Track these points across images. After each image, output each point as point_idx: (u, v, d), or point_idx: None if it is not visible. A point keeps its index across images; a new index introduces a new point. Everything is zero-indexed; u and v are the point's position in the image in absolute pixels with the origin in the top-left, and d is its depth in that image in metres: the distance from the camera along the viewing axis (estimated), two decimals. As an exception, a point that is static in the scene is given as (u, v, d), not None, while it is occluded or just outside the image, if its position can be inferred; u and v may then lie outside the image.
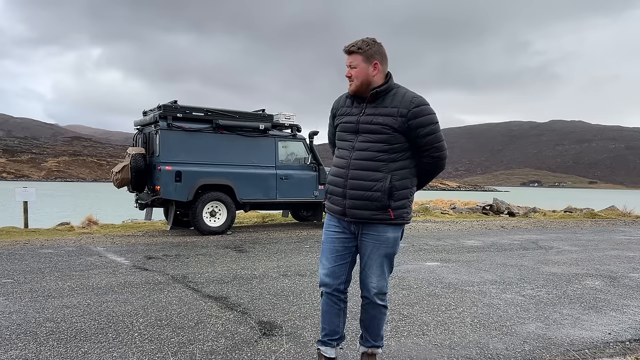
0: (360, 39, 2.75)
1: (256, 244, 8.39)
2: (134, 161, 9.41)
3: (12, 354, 3.20)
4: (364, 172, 2.69)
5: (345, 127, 2.79)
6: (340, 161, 2.79)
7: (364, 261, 2.82)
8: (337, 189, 2.78)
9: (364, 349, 2.96)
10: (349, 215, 2.74)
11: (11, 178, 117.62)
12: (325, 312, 2.89)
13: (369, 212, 2.70)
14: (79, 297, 4.61)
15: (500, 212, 16.14)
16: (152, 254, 7.24)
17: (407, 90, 2.75)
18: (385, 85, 2.73)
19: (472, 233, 10.70)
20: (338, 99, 2.94)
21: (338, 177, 2.78)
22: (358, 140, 2.73)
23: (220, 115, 9.74)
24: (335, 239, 2.84)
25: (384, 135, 2.68)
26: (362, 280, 2.85)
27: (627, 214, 16.51)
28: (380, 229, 2.75)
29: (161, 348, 3.32)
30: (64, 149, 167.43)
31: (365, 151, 2.70)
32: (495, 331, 3.80)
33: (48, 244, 8.14)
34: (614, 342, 3.63)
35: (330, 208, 2.86)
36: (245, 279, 5.53)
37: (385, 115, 2.68)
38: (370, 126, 2.70)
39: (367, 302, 2.86)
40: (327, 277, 2.84)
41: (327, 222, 2.91)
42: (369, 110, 2.73)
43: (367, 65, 2.70)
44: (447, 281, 5.55)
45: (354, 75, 2.72)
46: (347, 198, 2.72)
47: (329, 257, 2.84)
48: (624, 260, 7.33)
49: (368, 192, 2.68)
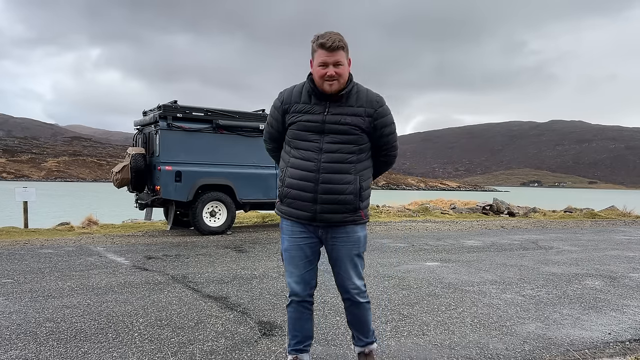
0: (332, 33, 2.57)
1: (256, 244, 8.39)
2: (134, 161, 9.42)
3: (12, 354, 3.20)
4: (337, 176, 2.58)
5: (308, 127, 2.61)
6: (306, 164, 2.59)
7: (338, 265, 2.73)
8: (305, 194, 2.60)
9: (359, 349, 2.94)
10: (319, 220, 2.62)
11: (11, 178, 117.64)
12: (297, 320, 2.80)
13: (341, 215, 2.62)
14: (79, 297, 4.61)
15: (500, 212, 16.14)
16: (152, 254, 7.24)
17: (366, 88, 2.69)
18: (351, 84, 2.64)
19: (472, 233, 10.70)
20: (289, 93, 2.70)
21: (306, 182, 2.59)
22: (325, 141, 2.58)
23: (220, 115, 9.74)
24: (304, 244, 2.70)
25: (352, 136, 2.59)
26: (340, 284, 2.77)
27: (627, 214, 16.51)
28: (349, 230, 2.68)
29: (161, 348, 3.31)
30: (64, 149, 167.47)
31: (336, 153, 2.58)
32: (495, 331, 3.80)
33: (48, 244, 8.14)
34: (614, 342, 3.63)
35: (294, 214, 2.67)
36: (245, 279, 5.53)
37: (353, 115, 2.59)
38: (338, 126, 2.58)
39: (351, 304, 2.79)
40: (298, 285, 2.72)
41: (290, 228, 2.72)
42: (334, 109, 2.60)
43: (347, 62, 2.60)
44: (447, 281, 5.55)
45: (340, 73, 2.55)
46: (318, 203, 2.58)
47: (299, 264, 2.71)
48: (624, 260, 7.33)
49: (341, 196, 2.58)
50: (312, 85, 2.63)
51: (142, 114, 10.23)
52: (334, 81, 2.55)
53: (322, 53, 2.55)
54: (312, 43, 2.60)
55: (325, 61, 2.54)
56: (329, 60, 2.54)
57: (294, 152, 2.66)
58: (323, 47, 2.54)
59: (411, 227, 11.49)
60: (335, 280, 2.81)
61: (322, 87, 2.59)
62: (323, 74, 2.55)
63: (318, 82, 2.59)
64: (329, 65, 2.54)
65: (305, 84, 2.68)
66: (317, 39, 2.57)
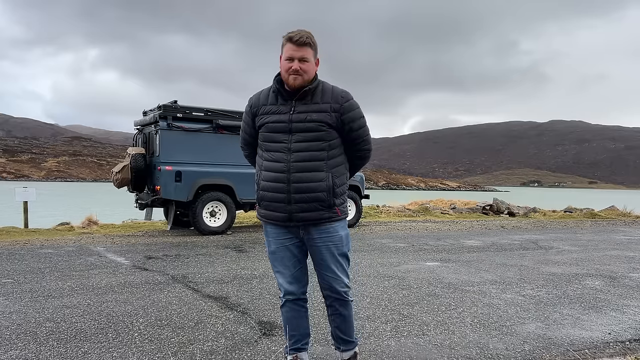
0: (303, 30, 2.59)
1: (256, 244, 8.39)
2: (134, 161, 9.42)
3: (12, 354, 3.20)
4: (308, 174, 2.58)
5: (275, 127, 2.62)
6: (277, 165, 2.61)
7: (322, 265, 2.71)
8: (278, 195, 2.61)
9: (348, 353, 2.86)
10: (295, 219, 2.62)
11: (11, 178, 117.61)
12: (292, 319, 2.79)
13: (317, 212, 2.62)
14: (79, 297, 4.61)
15: (500, 212, 16.14)
16: (152, 254, 7.24)
17: (331, 84, 2.71)
18: (316, 82, 2.65)
19: (472, 233, 10.70)
20: (257, 97, 2.73)
21: (277, 183, 2.60)
22: (293, 140, 2.59)
23: (220, 115, 9.74)
24: (290, 245, 2.71)
25: (320, 133, 2.60)
26: (327, 284, 2.73)
27: (627, 214, 16.52)
28: (330, 229, 2.67)
29: (161, 348, 3.32)
30: (64, 149, 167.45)
31: (305, 152, 2.58)
32: (495, 331, 3.80)
33: (48, 244, 8.14)
34: (614, 342, 3.63)
35: (270, 216, 2.68)
36: (245, 279, 5.53)
37: (319, 111, 2.61)
38: (305, 124, 2.58)
39: (339, 303, 2.75)
40: (292, 284, 2.72)
41: (272, 231, 2.73)
42: (300, 107, 2.60)
43: (314, 60, 2.62)
44: (447, 281, 5.55)
45: (305, 69, 2.56)
46: (292, 203, 2.59)
47: (288, 264, 2.72)
48: (624, 260, 7.33)
49: (313, 194, 2.58)
50: (278, 85, 2.65)
51: (142, 114, 10.23)
52: (298, 75, 2.57)
53: (289, 47, 2.57)
54: (283, 38, 2.63)
55: (292, 55, 2.56)
56: (296, 54, 2.56)
57: (265, 155, 2.68)
58: (291, 41, 2.57)
59: (411, 227, 11.50)
60: (321, 282, 2.76)
61: (287, 80, 2.61)
62: (288, 67, 2.57)
63: (284, 76, 2.62)
64: (295, 60, 2.56)
65: (272, 86, 2.70)
66: (287, 34, 2.61)
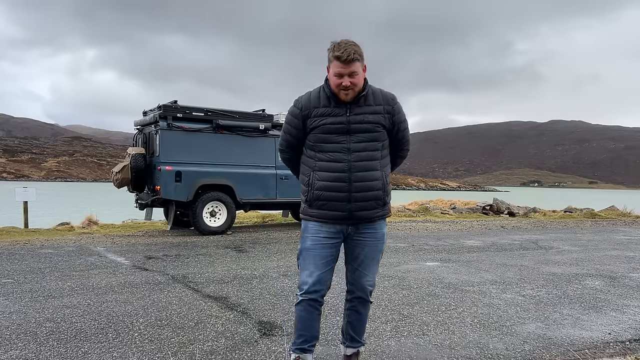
0: (349, 44, 2.60)
1: (256, 244, 8.39)
2: (134, 161, 9.42)
3: (12, 354, 3.20)
4: (367, 173, 2.68)
5: (332, 129, 2.67)
6: (337, 165, 2.66)
7: (359, 261, 2.79)
8: (338, 194, 2.66)
9: (352, 350, 2.92)
10: (355, 217, 2.69)
11: (11, 178, 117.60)
12: (305, 319, 2.78)
13: (373, 211, 2.72)
14: (79, 297, 4.61)
15: (500, 212, 16.13)
16: (152, 254, 7.24)
17: (378, 88, 2.79)
18: (367, 87, 2.72)
19: (472, 233, 10.70)
20: (307, 99, 2.75)
21: (338, 182, 2.65)
22: (352, 141, 2.66)
23: (220, 115, 9.73)
24: (328, 245, 2.73)
25: (375, 134, 2.70)
26: (356, 281, 2.81)
27: (627, 214, 16.51)
28: (377, 226, 2.78)
29: (161, 348, 3.32)
30: (64, 149, 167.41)
31: (364, 152, 2.68)
32: (495, 331, 3.80)
33: (48, 244, 8.14)
34: (614, 342, 3.63)
35: (328, 215, 2.71)
36: (245, 279, 5.53)
37: (375, 113, 2.70)
38: (362, 125, 2.67)
39: (360, 302, 2.83)
40: (316, 284, 2.71)
41: (316, 229, 2.75)
42: (356, 109, 2.68)
43: (362, 70, 2.65)
44: (447, 281, 5.55)
45: (355, 83, 2.61)
46: (352, 202, 2.66)
47: (319, 263, 2.72)
48: (624, 260, 7.33)
49: (372, 192, 2.69)
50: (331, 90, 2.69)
51: (142, 114, 10.23)
52: (349, 90, 2.62)
53: (337, 64, 2.60)
54: (329, 52, 2.65)
55: (341, 72, 2.60)
56: (344, 71, 2.59)
57: (320, 155, 2.71)
58: (339, 60, 2.59)
59: (411, 227, 11.50)
60: (351, 278, 2.84)
61: (338, 95, 2.66)
62: (338, 83, 2.62)
63: (334, 90, 2.67)
64: (344, 76, 2.60)
65: (322, 88, 2.74)
66: (333, 51, 2.61)
